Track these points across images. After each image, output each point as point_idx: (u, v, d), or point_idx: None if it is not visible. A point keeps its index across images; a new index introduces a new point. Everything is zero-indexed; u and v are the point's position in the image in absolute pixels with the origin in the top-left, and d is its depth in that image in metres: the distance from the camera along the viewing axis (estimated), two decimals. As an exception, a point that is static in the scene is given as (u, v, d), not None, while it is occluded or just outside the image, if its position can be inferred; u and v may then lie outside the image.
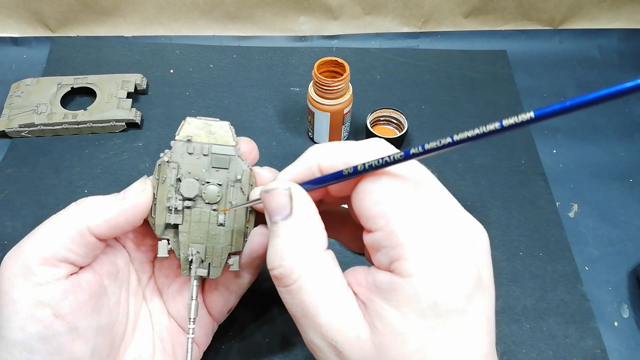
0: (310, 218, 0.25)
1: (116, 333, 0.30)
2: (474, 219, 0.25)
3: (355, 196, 0.25)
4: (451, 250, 0.23)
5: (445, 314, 0.22)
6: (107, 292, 0.29)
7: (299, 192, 0.26)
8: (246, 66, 0.63)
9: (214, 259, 0.31)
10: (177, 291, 0.33)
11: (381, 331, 0.22)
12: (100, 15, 0.64)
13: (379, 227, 0.24)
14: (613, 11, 0.68)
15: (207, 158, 0.30)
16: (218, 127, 0.30)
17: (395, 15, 0.67)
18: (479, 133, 0.20)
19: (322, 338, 0.24)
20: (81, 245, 0.27)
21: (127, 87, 0.57)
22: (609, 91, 0.17)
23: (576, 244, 0.48)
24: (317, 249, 0.25)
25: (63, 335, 0.26)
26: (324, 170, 0.26)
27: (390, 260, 0.23)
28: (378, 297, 0.23)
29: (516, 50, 0.67)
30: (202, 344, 0.34)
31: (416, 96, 0.60)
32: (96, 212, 0.27)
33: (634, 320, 0.44)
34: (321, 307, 0.24)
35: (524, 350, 0.41)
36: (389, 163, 0.23)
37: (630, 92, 0.16)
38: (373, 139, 0.27)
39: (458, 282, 0.22)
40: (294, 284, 0.24)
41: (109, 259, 0.30)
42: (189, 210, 0.30)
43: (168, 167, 0.29)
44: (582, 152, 0.56)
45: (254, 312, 0.41)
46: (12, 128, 0.53)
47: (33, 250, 0.26)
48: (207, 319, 0.34)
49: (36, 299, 0.25)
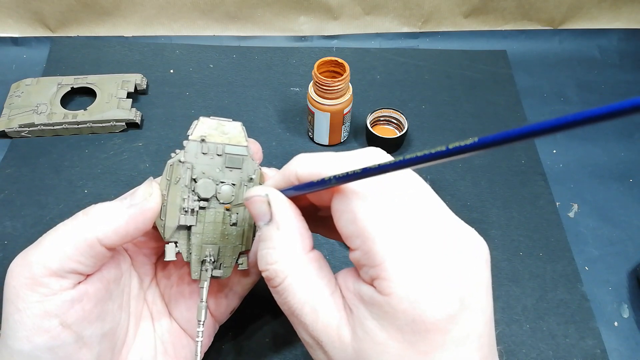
0: (291, 222, 0.26)
1: (118, 337, 0.30)
2: (471, 230, 0.24)
3: (333, 215, 0.25)
4: (436, 267, 0.22)
5: (425, 332, 0.22)
6: (112, 296, 0.29)
7: (278, 198, 0.26)
8: (246, 66, 0.63)
9: (225, 259, 0.31)
10: (180, 293, 0.33)
11: (361, 338, 0.23)
12: (100, 15, 0.64)
13: (357, 246, 0.23)
14: (613, 11, 0.68)
15: (221, 158, 0.30)
16: (231, 127, 0.30)
17: (395, 15, 0.67)
18: (459, 146, 0.18)
19: (309, 336, 0.24)
20: (90, 257, 0.26)
21: (127, 87, 0.57)
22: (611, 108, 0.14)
23: (576, 244, 0.48)
24: (301, 251, 0.25)
25: (70, 345, 0.26)
26: (300, 179, 0.26)
27: (370, 278, 0.23)
28: (362, 305, 0.23)
29: (516, 50, 0.67)
30: (204, 345, 0.34)
31: (416, 96, 0.60)
32: (105, 223, 0.27)
33: (634, 320, 0.44)
34: (305, 307, 0.24)
35: (524, 350, 0.41)
36: (357, 175, 0.22)
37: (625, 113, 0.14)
38: (368, 149, 0.26)
39: (438, 303, 0.21)
40: (280, 286, 0.25)
41: (114, 263, 0.29)
42: (203, 211, 0.29)
43: (182, 168, 0.29)
44: (582, 152, 0.56)
45: (255, 312, 0.41)
46: (12, 128, 0.53)
47: (40, 262, 0.25)
48: (209, 320, 0.34)
49: (43, 310, 0.25)
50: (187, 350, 0.33)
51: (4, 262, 0.27)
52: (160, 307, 0.33)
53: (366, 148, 0.26)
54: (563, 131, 0.16)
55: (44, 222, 0.47)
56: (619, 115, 0.14)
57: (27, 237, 0.46)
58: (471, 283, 0.22)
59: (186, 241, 0.30)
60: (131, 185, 0.30)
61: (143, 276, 0.33)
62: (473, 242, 0.24)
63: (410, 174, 0.25)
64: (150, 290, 0.33)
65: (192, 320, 0.33)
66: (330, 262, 0.45)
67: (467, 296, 0.22)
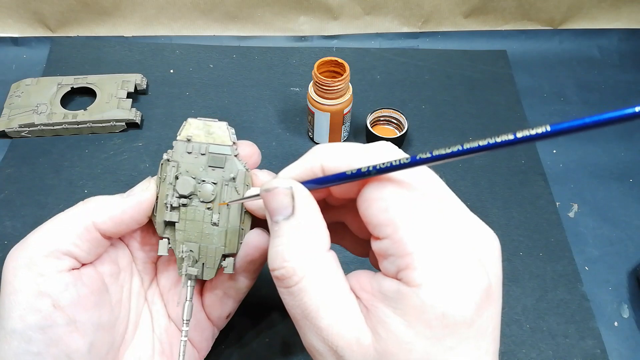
0: (313, 218, 0.25)
1: (117, 332, 0.30)
2: (484, 225, 0.25)
3: (361, 203, 0.24)
4: (461, 259, 0.22)
5: (453, 325, 0.21)
6: (109, 290, 0.29)
7: (301, 191, 0.25)
8: (246, 66, 0.63)
9: (207, 259, 0.31)
10: (178, 294, 0.33)
11: (385, 339, 0.22)
12: (100, 15, 0.64)
13: (387, 235, 0.23)
14: (613, 11, 0.68)
15: (205, 157, 0.30)
16: (216, 128, 0.31)
17: (395, 15, 0.67)
18: (491, 142, 0.20)
19: (323, 342, 0.23)
20: (86, 241, 0.27)
21: (127, 87, 0.57)
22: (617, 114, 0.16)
23: (576, 244, 0.48)
24: (320, 249, 0.24)
25: (61, 327, 0.26)
26: (326, 171, 0.25)
27: (397, 269, 0.22)
28: (383, 303, 0.23)
29: (516, 50, 0.67)
30: (202, 349, 0.34)
31: (416, 96, 0.60)
32: (102, 209, 0.28)
33: (634, 320, 0.44)
34: (322, 310, 0.23)
35: (524, 350, 0.41)
36: (395, 167, 0.22)
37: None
38: (381, 142, 0.26)
39: (468, 293, 0.22)
40: (295, 286, 0.23)
41: (110, 258, 0.30)
42: (185, 208, 0.30)
43: (168, 166, 0.30)
44: (582, 152, 0.56)
45: (255, 315, 0.41)
46: (12, 128, 0.53)
47: (38, 243, 0.27)
48: (206, 323, 0.34)
49: (37, 289, 0.26)
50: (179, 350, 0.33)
51: (4, 262, 0.27)
52: (160, 307, 0.33)
53: (379, 142, 0.26)
54: (567, 135, 0.16)
55: (44, 222, 0.47)
56: (625, 120, 0.15)
57: (27, 237, 0.46)
58: (492, 275, 0.23)
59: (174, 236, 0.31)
60: (131, 185, 0.30)
61: (144, 275, 0.33)
62: (489, 236, 0.24)
63: (430, 171, 0.25)
64: (151, 290, 0.33)
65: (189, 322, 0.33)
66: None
67: (489, 288, 0.22)
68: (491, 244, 0.24)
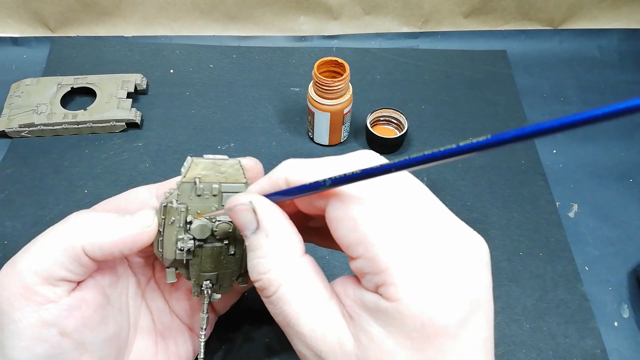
0: (280, 227, 0.25)
1: (122, 339, 0.30)
2: (471, 230, 0.24)
3: (330, 223, 0.24)
4: (441, 269, 0.21)
5: (435, 337, 0.21)
6: (111, 300, 0.29)
7: (263, 204, 0.25)
8: (246, 66, 0.63)
9: (224, 281, 0.31)
10: (181, 290, 0.33)
11: (366, 346, 0.22)
12: (100, 15, 0.64)
13: (359, 254, 0.22)
14: (613, 11, 0.68)
15: (217, 198, 0.29)
16: (228, 166, 0.29)
17: (395, 15, 0.67)
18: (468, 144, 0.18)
19: (307, 347, 0.23)
20: (78, 265, 0.26)
21: (127, 87, 0.57)
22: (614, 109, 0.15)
23: (576, 244, 0.48)
24: (293, 256, 0.24)
25: (70, 352, 0.26)
26: (290, 183, 0.25)
27: (375, 286, 0.22)
28: (365, 312, 0.22)
29: (516, 50, 0.67)
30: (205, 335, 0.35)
31: (416, 96, 0.60)
32: (93, 236, 0.26)
33: (634, 320, 0.44)
34: (302, 317, 0.23)
35: (524, 350, 0.41)
36: (349, 178, 0.21)
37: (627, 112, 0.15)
38: (360, 152, 0.25)
39: (449, 304, 0.21)
40: (274, 295, 0.24)
41: (109, 268, 0.29)
42: (200, 247, 0.29)
43: (175, 210, 0.28)
44: (582, 152, 0.56)
45: (254, 313, 0.41)
46: (12, 128, 0.53)
47: (30, 269, 0.25)
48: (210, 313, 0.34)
49: (40, 320, 0.25)
50: (188, 345, 0.33)
51: (4, 262, 0.27)
52: (161, 304, 0.33)
53: (358, 151, 0.25)
54: (566, 131, 0.16)
55: (44, 222, 0.47)
56: (622, 115, 0.14)
57: (27, 237, 0.45)
58: (477, 285, 0.22)
59: (185, 269, 0.30)
60: (131, 185, 0.30)
61: (141, 276, 0.32)
62: (474, 243, 0.23)
63: (407, 176, 0.24)
64: (150, 288, 0.33)
65: (194, 315, 0.33)
66: (329, 265, 0.45)
67: (475, 299, 0.22)
68: (478, 250, 0.23)
